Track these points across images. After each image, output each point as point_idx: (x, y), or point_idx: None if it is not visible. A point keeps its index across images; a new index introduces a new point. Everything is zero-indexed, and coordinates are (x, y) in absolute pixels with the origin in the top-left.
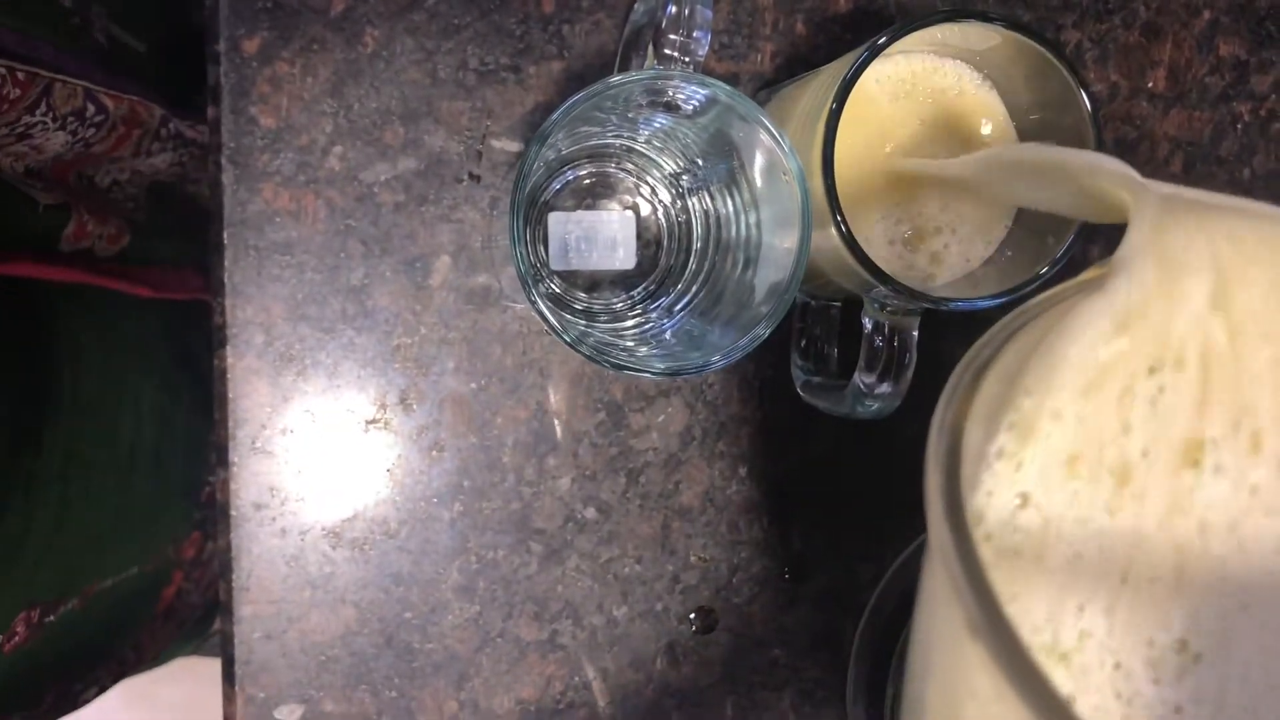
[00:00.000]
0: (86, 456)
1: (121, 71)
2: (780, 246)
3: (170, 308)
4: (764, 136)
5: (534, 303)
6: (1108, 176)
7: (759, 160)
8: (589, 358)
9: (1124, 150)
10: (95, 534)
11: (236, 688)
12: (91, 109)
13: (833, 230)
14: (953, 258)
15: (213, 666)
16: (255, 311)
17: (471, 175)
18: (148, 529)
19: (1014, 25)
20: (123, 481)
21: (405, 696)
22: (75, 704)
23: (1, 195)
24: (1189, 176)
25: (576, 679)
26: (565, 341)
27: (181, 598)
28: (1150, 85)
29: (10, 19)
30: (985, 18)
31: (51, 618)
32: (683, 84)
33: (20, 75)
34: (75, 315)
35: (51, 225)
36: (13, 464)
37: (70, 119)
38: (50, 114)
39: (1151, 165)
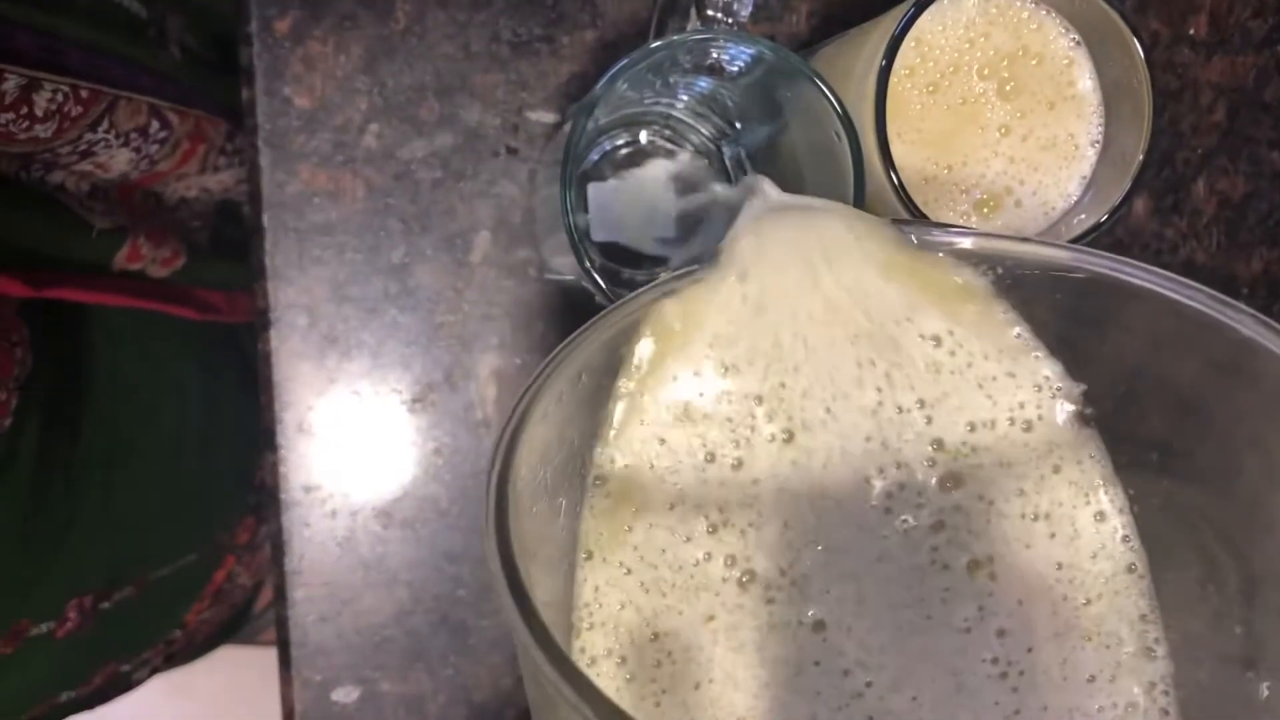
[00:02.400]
0: (129, 441)
1: (193, 85)
2: None
3: None
4: (813, 95)
5: (587, 271)
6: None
7: (805, 121)
8: None
9: (1167, 99)
10: (144, 518)
11: (293, 671)
12: (155, 125)
13: (885, 182)
14: (1030, 210)
15: (250, 655)
16: (297, 294)
17: (509, 149)
18: (199, 513)
19: None
20: (169, 465)
21: (462, 674)
22: (129, 684)
23: (55, 219)
24: (1233, 123)
25: None
26: None
27: (231, 580)
28: (1192, 31)
29: (88, 30)
30: None
31: (106, 604)
32: (728, 44)
33: (84, 93)
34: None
35: (104, 249)
36: (52, 452)
37: (133, 135)
38: (112, 131)
39: (1195, 114)
